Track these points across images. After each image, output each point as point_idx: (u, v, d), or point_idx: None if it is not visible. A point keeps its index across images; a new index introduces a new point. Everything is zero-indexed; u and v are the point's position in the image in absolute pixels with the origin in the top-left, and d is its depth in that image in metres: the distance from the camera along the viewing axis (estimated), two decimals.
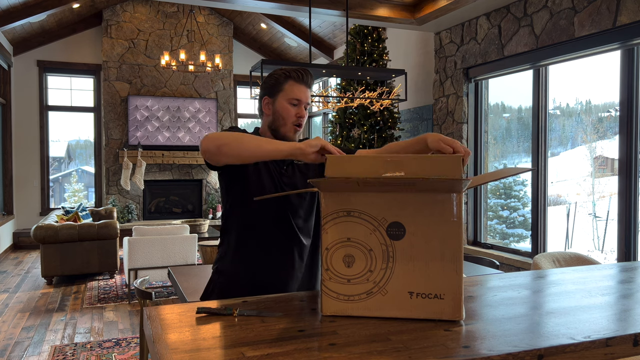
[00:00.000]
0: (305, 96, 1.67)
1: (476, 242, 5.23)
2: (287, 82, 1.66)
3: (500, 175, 1.31)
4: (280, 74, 1.68)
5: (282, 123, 1.66)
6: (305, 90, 1.67)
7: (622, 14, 3.55)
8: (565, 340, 0.95)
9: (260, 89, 1.74)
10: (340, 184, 1.10)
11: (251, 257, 1.65)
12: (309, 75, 1.69)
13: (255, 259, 1.65)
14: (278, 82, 1.67)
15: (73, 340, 3.98)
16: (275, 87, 1.67)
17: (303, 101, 1.66)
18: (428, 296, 1.08)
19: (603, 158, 4.47)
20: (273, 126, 1.69)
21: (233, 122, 9.44)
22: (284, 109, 1.65)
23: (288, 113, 1.65)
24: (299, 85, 1.66)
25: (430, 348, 0.92)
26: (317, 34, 8.21)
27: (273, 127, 1.69)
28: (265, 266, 1.65)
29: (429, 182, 1.05)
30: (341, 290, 1.10)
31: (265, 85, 1.71)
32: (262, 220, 1.64)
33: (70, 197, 9.40)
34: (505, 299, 1.25)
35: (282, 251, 1.65)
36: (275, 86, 1.67)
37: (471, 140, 5.20)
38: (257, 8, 5.03)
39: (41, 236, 5.59)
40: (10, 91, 8.15)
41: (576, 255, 3.21)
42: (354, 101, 4.53)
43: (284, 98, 1.65)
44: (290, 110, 1.65)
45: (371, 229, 1.09)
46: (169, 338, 0.98)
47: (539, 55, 4.31)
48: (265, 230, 1.64)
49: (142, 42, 8.72)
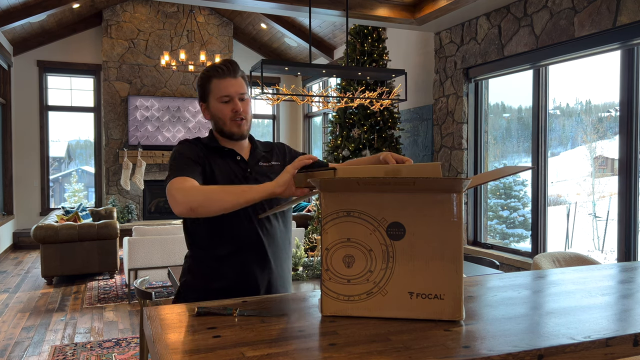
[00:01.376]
0: (234, 89, 1.62)
1: (476, 242, 5.23)
2: (211, 82, 1.63)
3: (500, 175, 1.31)
4: (204, 76, 1.66)
5: (222, 123, 1.65)
6: (233, 82, 1.63)
7: (622, 14, 3.55)
8: (565, 340, 0.95)
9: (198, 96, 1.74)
10: (340, 184, 1.10)
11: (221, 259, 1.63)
12: (232, 66, 1.64)
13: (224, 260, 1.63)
14: (205, 85, 1.65)
15: (73, 340, 3.98)
16: (205, 91, 1.66)
17: (233, 94, 1.62)
18: (428, 296, 1.08)
19: (603, 158, 4.47)
20: (217, 128, 1.68)
21: None
22: (217, 109, 1.64)
23: (222, 112, 1.63)
24: (223, 79, 1.62)
25: (430, 348, 0.92)
26: (317, 34, 8.21)
27: (218, 129, 1.68)
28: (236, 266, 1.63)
29: (429, 182, 1.06)
30: (341, 291, 1.10)
31: (198, 91, 1.71)
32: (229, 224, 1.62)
33: (70, 197, 9.40)
34: (505, 299, 1.25)
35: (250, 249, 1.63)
36: (204, 90, 1.66)
37: (471, 140, 5.20)
38: (257, 8, 5.03)
39: (41, 236, 5.59)
40: (10, 91, 8.15)
41: (576, 255, 3.22)
42: (354, 101, 4.53)
43: (214, 99, 1.64)
44: (224, 108, 1.63)
45: (371, 229, 1.09)
46: (169, 338, 0.98)
47: (539, 55, 4.31)
48: (232, 232, 1.62)
49: (142, 42, 8.72)
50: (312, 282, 3.00)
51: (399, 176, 1.14)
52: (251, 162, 1.69)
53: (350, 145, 5.64)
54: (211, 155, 1.65)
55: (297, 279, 3.03)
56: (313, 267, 3.18)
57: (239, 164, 1.67)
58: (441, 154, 5.51)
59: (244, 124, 1.66)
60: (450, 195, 1.07)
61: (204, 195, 1.41)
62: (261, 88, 3.96)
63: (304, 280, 3.03)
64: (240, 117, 1.64)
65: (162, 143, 8.68)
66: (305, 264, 3.24)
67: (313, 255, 3.44)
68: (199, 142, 1.69)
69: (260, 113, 10.25)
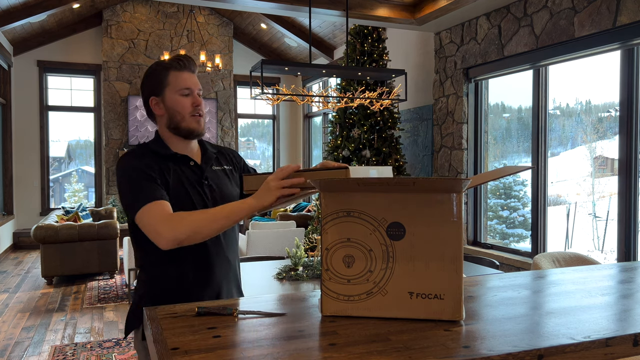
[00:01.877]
0: (193, 83, 1.56)
1: (476, 242, 5.23)
2: (169, 74, 1.54)
3: (500, 174, 1.32)
4: (158, 68, 1.55)
5: (179, 118, 1.54)
6: (192, 77, 1.56)
7: (622, 14, 3.55)
8: (565, 340, 0.95)
9: (142, 91, 1.60)
10: (339, 184, 1.10)
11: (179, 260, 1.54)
12: (190, 60, 1.57)
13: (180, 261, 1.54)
14: (160, 78, 1.54)
15: (73, 340, 3.98)
16: (159, 84, 1.54)
17: (194, 88, 1.55)
18: (428, 296, 1.08)
19: (603, 158, 4.48)
20: (172, 125, 1.55)
21: (233, 122, 9.45)
22: (176, 102, 1.53)
23: (182, 105, 1.53)
24: (183, 72, 1.54)
25: (430, 348, 0.92)
26: (317, 34, 8.21)
27: (172, 126, 1.55)
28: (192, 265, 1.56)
29: (429, 182, 1.06)
30: (341, 291, 1.11)
31: (146, 86, 1.58)
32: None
33: (70, 197, 9.40)
34: (505, 299, 1.25)
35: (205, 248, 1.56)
36: (159, 82, 1.54)
37: (471, 140, 5.20)
38: (257, 8, 5.03)
39: (41, 236, 5.59)
40: (10, 91, 8.16)
41: (576, 255, 3.22)
42: (354, 101, 4.53)
43: (172, 91, 1.53)
44: (183, 101, 1.53)
45: (371, 229, 1.09)
46: (168, 338, 0.98)
47: (539, 55, 4.31)
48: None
49: (142, 42, 8.72)
50: (312, 282, 3.00)
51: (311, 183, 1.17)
52: (204, 166, 1.59)
53: (350, 145, 5.64)
54: (163, 163, 1.53)
55: (297, 279, 3.04)
56: (313, 267, 3.18)
57: (193, 170, 1.57)
58: (441, 154, 5.52)
59: (202, 120, 1.57)
60: (450, 195, 1.07)
61: (190, 227, 1.36)
62: (261, 88, 3.96)
63: (304, 280, 3.03)
64: (199, 112, 1.55)
65: None
66: (305, 264, 3.24)
67: (313, 255, 3.44)
68: (147, 149, 1.56)
69: (260, 113, 10.24)
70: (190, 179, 1.55)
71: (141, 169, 1.46)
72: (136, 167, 1.47)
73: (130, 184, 1.45)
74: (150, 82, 1.56)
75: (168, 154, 1.55)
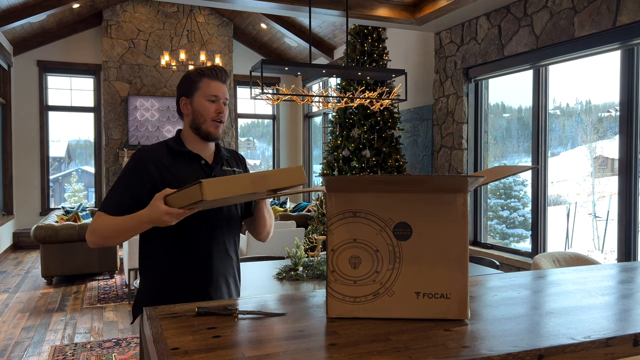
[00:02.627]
0: (222, 92, 1.71)
1: (476, 242, 5.24)
2: (202, 81, 1.69)
3: (506, 173, 1.31)
4: (194, 73, 1.72)
5: (202, 120, 1.69)
6: (221, 86, 1.71)
7: (622, 14, 3.55)
8: (565, 340, 0.95)
9: (177, 92, 1.77)
10: (347, 184, 1.10)
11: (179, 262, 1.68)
12: (223, 72, 1.73)
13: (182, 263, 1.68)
14: (193, 82, 1.70)
15: (73, 340, 3.98)
16: (191, 87, 1.71)
17: (220, 97, 1.70)
18: (435, 296, 1.08)
19: (603, 158, 4.47)
20: (194, 125, 1.71)
21: (233, 122, 9.45)
22: (202, 106, 1.69)
23: (207, 109, 1.69)
24: (214, 82, 1.70)
25: (430, 348, 0.92)
26: (317, 34, 8.21)
27: (194, 126, 1.71)
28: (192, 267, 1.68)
29: (438, 180, 1.06)
30: (347, 292, 1.10)
31: (180, 87, 1.75)
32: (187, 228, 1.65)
33: (70, 197, 9.40)
34: (505, 299, 1.25)
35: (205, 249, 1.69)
36: (191, 86, 1.71)
37: (471, 140, 5.20)
38: (257, 8, 5.03)
39: (41, 236, 5.59)
40: (10, 91, 8.16)
41: (576, 255, 3.22)
42: (354, 101, 4.53)
43: (201, 96, 1.69)
44: (209, 106, 1.69)
45: (378, 230, 1.09)
46: (168, 338, 0.98)
47: (539, 55, 4.31)
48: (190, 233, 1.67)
49: (142, 42, 8.72)
50: (312, 282, 3.00)
51: (267, 182, 1.24)
52: (214, 165, 1.74)
53: (350, 145, 5.64)
54: (175, 159, 1.69)
55: (297, 279, 3.03)
56: (313, 267, 3.18)
57: (203, 168, 1.71)
58: (441, 154, 5.52)
59: (221, 127, 1.72)
60: (457, 194, 1.07)
61: (100, 233, 1.58)
62: (261, 88, 3.96)
63: (304, 280, 3.03)
64: (220, 119, 1.70)
65: None
66: (305, 264, 3.24)
67: (313, 255, 3.44)
68: (164, 147, 1.72)
69: (260, 113, 10.24)
70: (198, 175, 1.68)
71: (130, 177, 1.65)
72: (128, 175, 1.66)
73: (115, 183, 1.67)
74: (184, 84, 1.73)
75: (182, 150, 1.71)
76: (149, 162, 1.65)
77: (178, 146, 1.72)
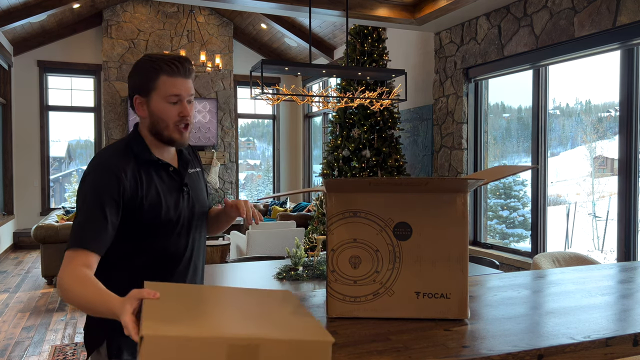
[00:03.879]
0: (185, 90, 1.41)
1: (476, 242, 5.24)
2: (159, 78, 1.39)
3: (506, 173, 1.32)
4: (148, 68, 1.40)
5: (163, 126, 1.42)
6: (184, 82, 1.41)
7: (622, 14, 3.55)
8: (565, 340, 0.95)
9: (129, 85, 1.47)
10: (348, 185, 1.10)
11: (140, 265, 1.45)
12: (185, 63, 1.42)
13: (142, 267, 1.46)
14: (149, 79, 1.40)
15: (73, 340, 3.98)
16: (147, 84, 1.41)
17: (184, 96, 1.41)
18: (434, 296, 1.08)
19: (603, 158, 4.47)
20: (153, 130, 1.44)
21: (233, 122, 9.45)
22: (161, 109, 1.41)
23: (168, 113, 1.41)
24: (175, 78, 1.40)
25: (430, 348, 0.92)
26: (317, 34, 8.21)
27: (154, 131, 1.44)
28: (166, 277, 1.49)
29: (441, 182, 1.06)
30: (347, 292, 1.10)
31: (132, 80, 1.44)
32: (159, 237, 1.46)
33: (71, 197, 9.40)
34: (505, 299, 1.25)
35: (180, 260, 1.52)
36: (147, 83, 1.41)
37: (471, 140, 5.21)
38: (257, 8, 5.03)
39: (41, 236, 5.59)
40: (10, 91, 8.15)
41: (576, 255, 3.22)
42: (354, 101, 4.53)
43: (159, 96, 1.40)
44: (170, 109, 1.41)
45: (378, 230, 1.09)
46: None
47: (539, 55, 4.31)
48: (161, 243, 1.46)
49: (142, 42, 8.72)
50: (312, 282, 3.00)
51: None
52: (182, 171, 1.52)
53: (350, 145, 5.64)
54: (143, 168, 1.43)
55: (297, 279, 3.04)
56: (313, 267, 3.18)
57: (172, 177, 1.49)
58: (441, 154, 5.52)
59: (187, 131, 1.45)
60: (457, 195, 1.07)
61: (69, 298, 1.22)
62: (261, 88, 3.96)
63: (304, 280, 3.03)
64: (186, 123, 1.44)
65: None
66: (305, 264, 3.24)
67: (313, 255, 3.44)
68: (129, 151, 1.44)
69: (260, 113, 10.24)
70: (170, 187, 1.47)
71: (104, 191, 1.35)
72: (97, 190, 1.35)
73: (84, 206, 1.36)
74: (137, 78, 1.43)
75: (150, 159, 1.45)
76: (124, 176, 1.38)
77: (145, 154, 1.45)
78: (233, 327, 0.80)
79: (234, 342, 0.74)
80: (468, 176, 1.07)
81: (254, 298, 0.97)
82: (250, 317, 0.86)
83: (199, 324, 0.78)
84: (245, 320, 0.84)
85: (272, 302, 0.96)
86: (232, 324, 0.82)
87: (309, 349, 0.77)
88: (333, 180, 1.08)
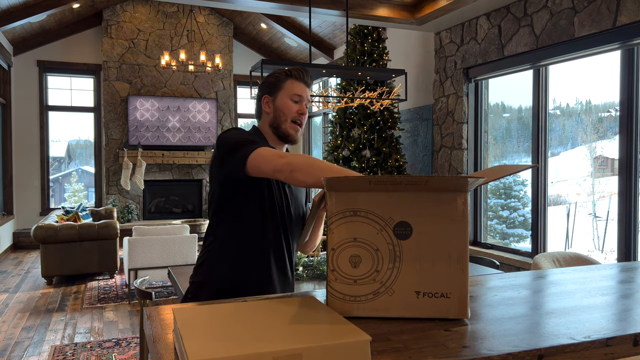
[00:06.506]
0: (305, 94, 1.71)
1: (476, 242, 5.23)
2: (287, 80, 1.69)
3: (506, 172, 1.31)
4: (280, 72, 1.72)
5: (283, 119, 1.69)
6: (306, 88, 1.71)
7: (622, 14, 3.55)
8: (565, 340, 0.95)
9: (259, 89, 1.76)
10: (348, 183, 1.10)
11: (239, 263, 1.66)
12: (308, 74, 1.72)
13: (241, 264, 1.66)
14: (278, 80, 1.70)
15: (73, 340, 3.98)
16: (276, 86, 1.70)
17: (304, 98, 1.70)
18: (435, 295, 1.08)
19: (603, 158, 4.47)
20: (274, 124, 1.70)
21: (233, 122, 9.45)
22: (285, 105, 1.68)
23: (289, 109, 1.68)
24: (299, 83, 1.70)
25: (430, 348, 0.92)
26: (317, 34, 8.21)
27: (274, 125, 1.71)
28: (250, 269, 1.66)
29: (441, 180, 1.06)
30: (347, 291, 1.10)
31: (265, 84, 1.74)
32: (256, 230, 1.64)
33: (70, 197, 9.40)
34: (505, 299, 1.25)
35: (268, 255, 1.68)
36: (276, 84, 1.70)
37: (471, 140, 5.20)
38: (257, 8, 5.03)
39: (41, 236, 5.59)
40: (10, 91, 8.16)
41: (576, 255, 3.22)
42: (354, 101, 4.53)
43: (285, 95, 1.69)
44: (292, 106, 1.68)
45: (378, 229, 1.09)
46: (169, 338, 0.98)
47: (539, 55, 4.31)
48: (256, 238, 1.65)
49: (142, 42, 8.72)
50: (312, 282, 3.00)
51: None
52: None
53: (350, 145, 5.64)
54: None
55: (297, 279, 3.04)
56: (313, 267, 3.18)
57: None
58: (441, 154, 5.52)
59: (300, 131, 1.72)
60: (457, 194, 1.07)
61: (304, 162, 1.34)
62: None
63: (304, 280, 3.03)
64: (300, 121, 1.70)
65: (162, 143, 8.68)
66: (305, 264, 3.24)
67: (313, 255, 3.44)
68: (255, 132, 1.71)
69: None
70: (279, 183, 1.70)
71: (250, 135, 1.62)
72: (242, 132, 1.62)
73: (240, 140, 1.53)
74: (269, 81, 1.72)
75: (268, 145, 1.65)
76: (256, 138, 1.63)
77: (264, 141, 1.70)
78: (273, 339, 0.80)
79: (278, 354, 0.74)
80: (468, 175, 1.07)
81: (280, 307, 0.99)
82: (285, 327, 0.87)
83: (239, 342, 0.78)
84: (281, 331, 0.85)
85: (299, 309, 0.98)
86: (270, 336, 0.82)
87: (349, 350, 0.79)
88: (333, 179, 1.08)
